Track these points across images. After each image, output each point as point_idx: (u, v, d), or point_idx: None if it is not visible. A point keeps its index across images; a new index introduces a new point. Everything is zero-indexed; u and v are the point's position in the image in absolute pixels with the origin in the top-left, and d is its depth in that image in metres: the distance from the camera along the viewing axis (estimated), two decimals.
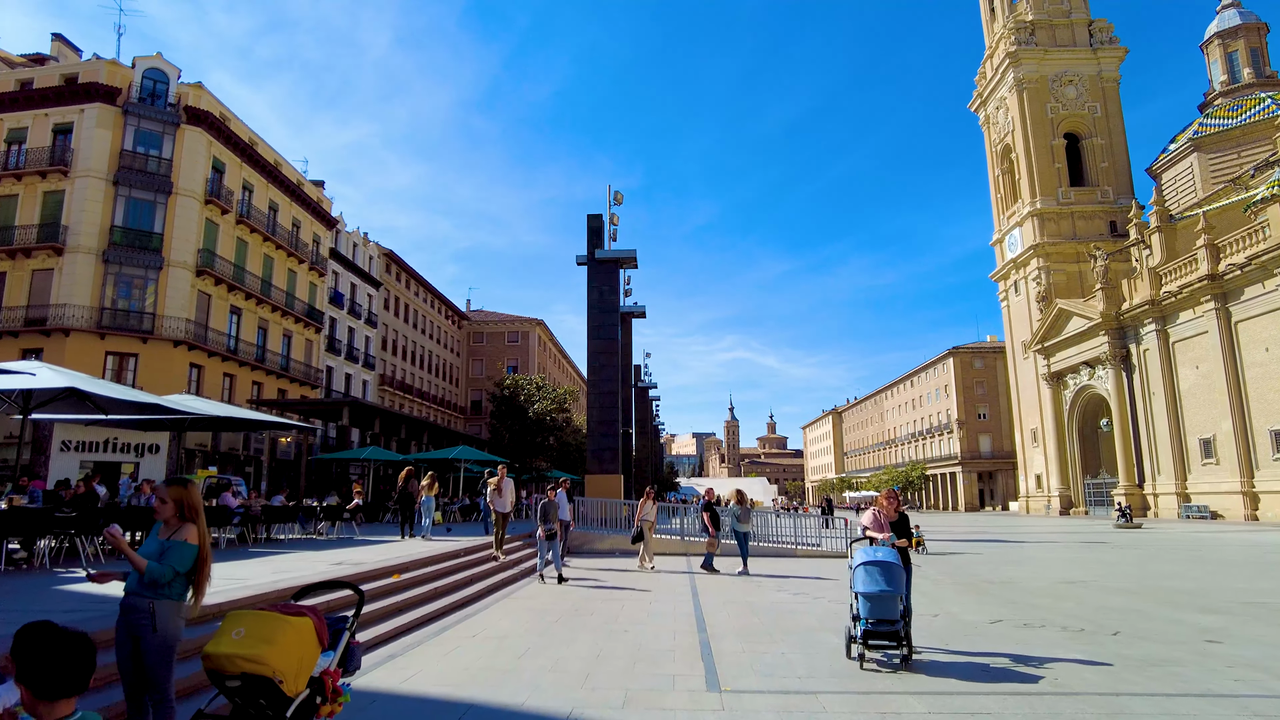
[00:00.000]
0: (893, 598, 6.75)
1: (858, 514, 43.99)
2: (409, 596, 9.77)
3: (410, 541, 16.28)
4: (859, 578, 6.89)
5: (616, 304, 31.88)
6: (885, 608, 6.75)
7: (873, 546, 7.12)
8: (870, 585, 6.76)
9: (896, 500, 7.75)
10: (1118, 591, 12.75)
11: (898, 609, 6.78)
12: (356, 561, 11.50)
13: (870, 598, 6.77)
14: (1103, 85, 68.39)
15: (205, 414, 16.23)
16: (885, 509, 7.58)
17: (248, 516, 15.53)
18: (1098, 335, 55.98)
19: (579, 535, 20.51)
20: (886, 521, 7.51)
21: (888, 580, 6.75)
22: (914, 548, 8.53)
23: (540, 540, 13.62)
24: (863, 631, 6.79)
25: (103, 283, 34.03)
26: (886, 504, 7.62)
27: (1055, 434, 63.22)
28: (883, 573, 6.76)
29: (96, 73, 35.63)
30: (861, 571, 6.86)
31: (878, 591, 6.73)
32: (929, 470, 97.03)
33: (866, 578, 6.80)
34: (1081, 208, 66.60)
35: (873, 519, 7.56)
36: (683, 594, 12.21)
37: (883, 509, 7.60)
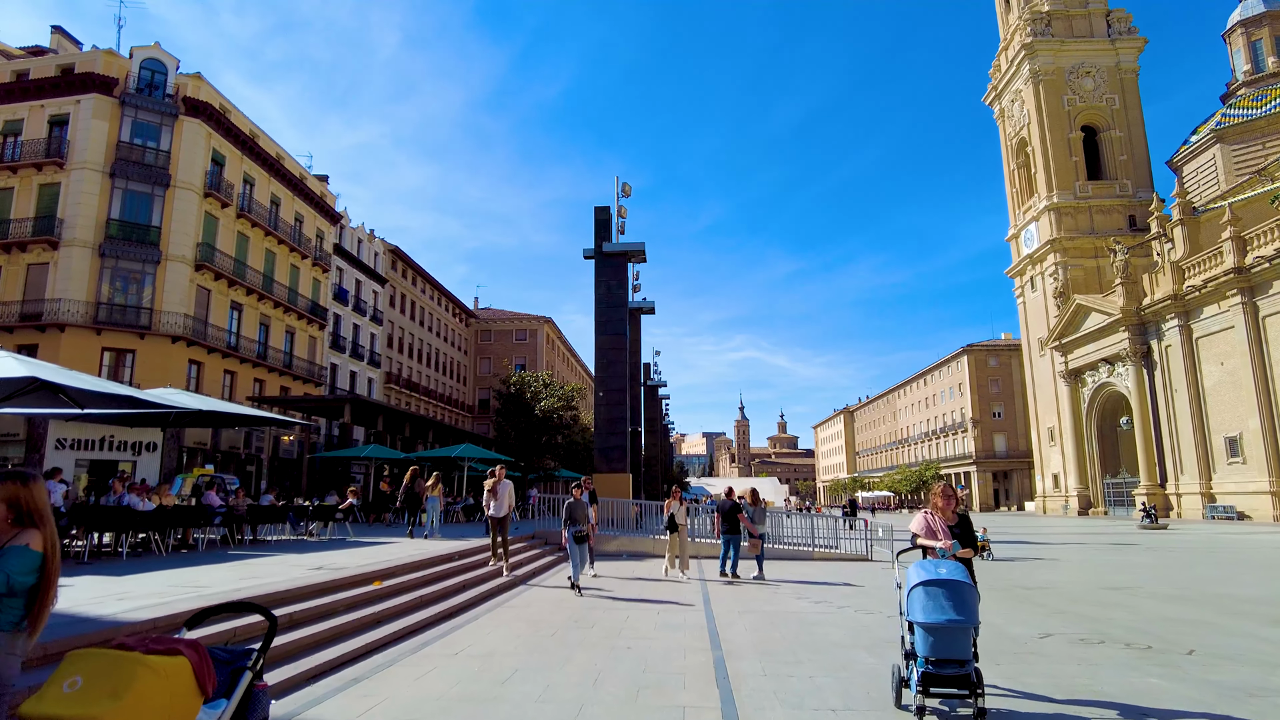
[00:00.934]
0: (964, 630, 5.10)
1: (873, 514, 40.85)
2: (388, 607, 8.78)
3: (409, 542, 15.33)
4: (916, 603, 5.21)
5: (625, 299, 30.90)
6: (953, 644, 5.10)
7: (930, 560, 5.53)
8: (933, 614, 5.09)
9: (954, 498, 6.14)
10: (1170, 599, 11.66)
11: (970, 645, 5.14)
12: (338, 565, 10.55)
13: (933, 630, 5.09)
14: (1121, 77, 66.91)
15: (187, 408, 15.32)
16: (941, 510, 6.09)
17: (231, 516, 14.60)
18: (1117, 331, 54.62)
19: None
20: (943, 526, 5.99)
21: (957, 606, 5.08)
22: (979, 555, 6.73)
23: (570, 545, 12.41)
24: (921, 674, 5.15)
25: (99, 277, 33.26)
26: (942, 504, 6.09)
27: (1073, 432, 61.85)
28: (950, 596, 5.10)
29: (93, 63, 34.88)
30: (921, 596, 5.19)
31: (943, 622, 5.05)
32: (943, 469, 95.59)
33: (928, 603, 5.14)
34: (1099, 202, 65.17)
35: (924, 524, 6.06)
36: (694, 601, 11.19)
37: (937, 510, 6.11)
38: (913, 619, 5.26)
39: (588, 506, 12.99)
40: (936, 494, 6.20)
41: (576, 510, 12.54)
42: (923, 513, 6.18)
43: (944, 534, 5.91)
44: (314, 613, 7.70)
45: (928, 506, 6.32)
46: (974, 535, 6.10)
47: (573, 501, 12.70)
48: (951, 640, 5.10)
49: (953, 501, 6.12)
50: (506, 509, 13.51)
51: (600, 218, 30.20)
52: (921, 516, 6.16)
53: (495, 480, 13.78)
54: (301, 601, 7.83)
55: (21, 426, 32.33)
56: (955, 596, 5.10)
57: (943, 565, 5.33)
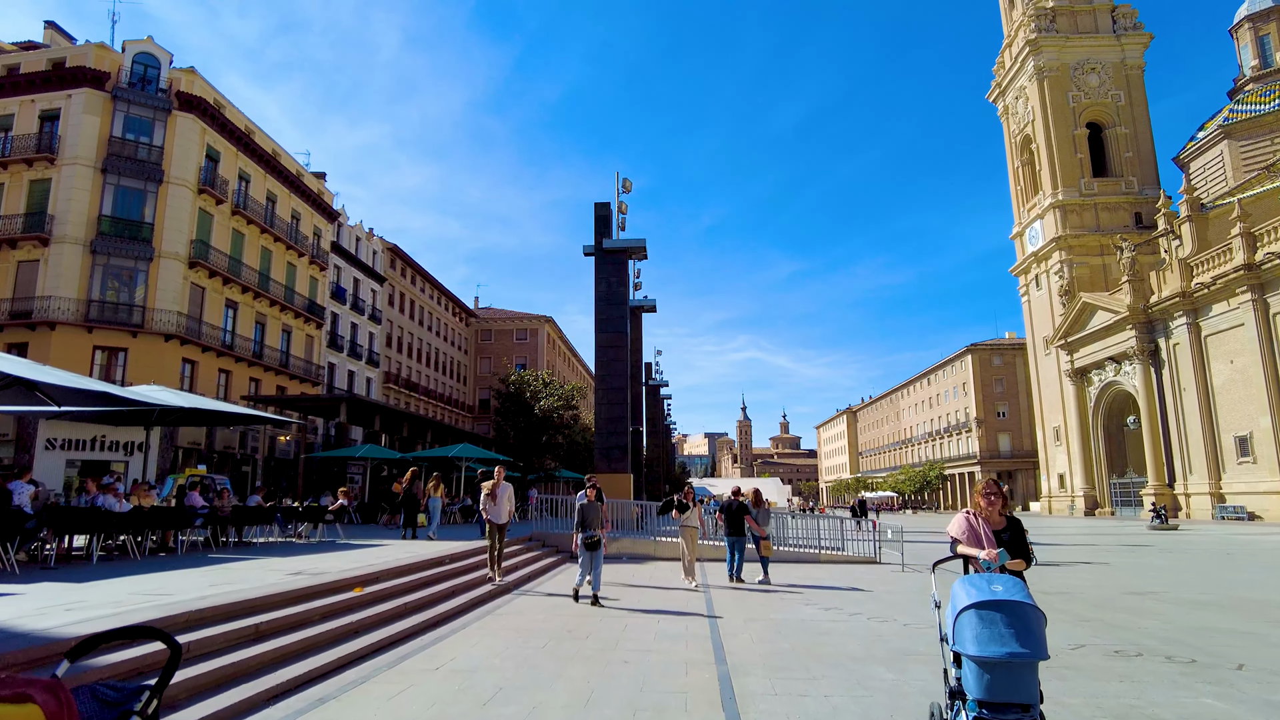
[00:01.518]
0: (1030, 667, 3.88)
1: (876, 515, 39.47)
2: (368, 616, 8.17)
3: (401, 544, 14.72)
4: (967, 631, 3.95)
5: (625, 296, 30.32)
6: (1016, 683, 3.86)
7: (979, 575, 4.25)
8: (991, 645, 3.84)
9: (1001, 497, 5.03)
10: (1201, 605, 11.03)
11: (1036, 684, 3.91)
12: (320, 570, 9.94)
13: (991, 666, 3.86)
14: (1127, 73, 66.22)
15: (170, 405, 14.74)
16: (984, 511, 4.98)
17: (214, 518, 13.99)
18: (1124, 329, 53.90)
19: None
20: (988, 531, 4.86)
21: (1021, 636, 3.82)
22: None
23: (580, 551, 11.15)
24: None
25: (90, 274, 32.69)
26: (985, 504, 4.99)
27: (1079, 432, 61.13)
28: (1011, 622, 3.85)
29: (84, 57, 34.32)
30: (972, 621, 3.93)
31: (1004, 656, 3.80)
32: (946, 470, 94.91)
33: (982, 631, 3.88)
34: (1105, 199, 64.51)
35: (965, 527, 4.94)
36: (696, 608, 10.57)
37: (980, 512, 5.00)
38: (962, 650, 4.00)
39: (600, 509, 11.89)
40: (979, 493, 5.10)
41: (589, 513, 11.34)
42: (963, 514, 5.08)
43: (989, 540, 4.84)
44: (284, 623, 7.10)
45: (969, 506, 5.23)
46: (1027, 543, 4.90)
47: (585, 503, 11.55)
48: (1014, 679, 3.88)
49: (998, 501, 5.01)
50: (506, 515, 12.48)
51: (600, 214, 29.63)
52: (962, 519, 5.03)
53: (494, 482, 12.58)
54: (271, 611, 7.22)
55: (11, 426, 31.80)
56: (1018, 623, 3.86)
57: (997, 581, 4.11)
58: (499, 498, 12.48)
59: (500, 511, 12.43)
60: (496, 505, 12.42)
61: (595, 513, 11.40)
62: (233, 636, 6.32)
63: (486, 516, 12.38)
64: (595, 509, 11.47)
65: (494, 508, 12.39)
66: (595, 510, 11.45)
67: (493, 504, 12.40)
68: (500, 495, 12.52)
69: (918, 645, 7.94)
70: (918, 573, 15.84)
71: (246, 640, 6.43)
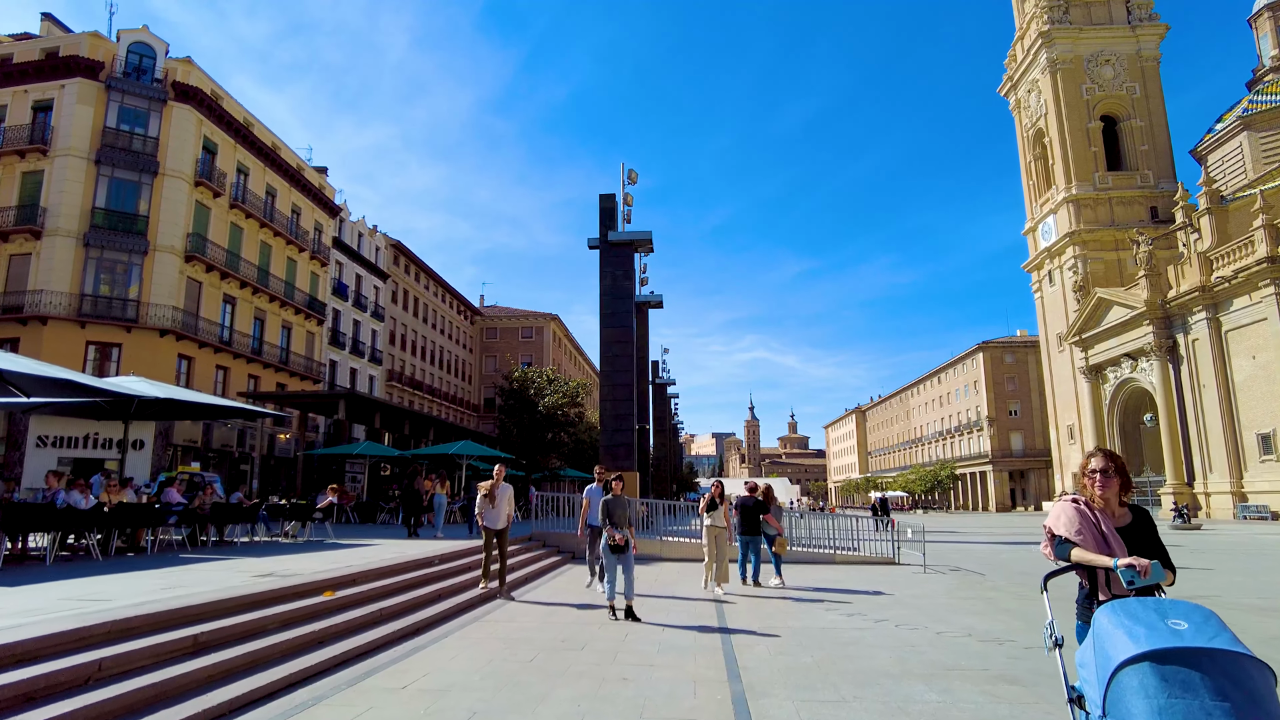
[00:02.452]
0: None
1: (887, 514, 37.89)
2: (334, 624, 7.25)
3: (393, 544, 13.82)
4: (1138, 701, 2.40)
5: (631, 290, 29.39)
6: None
7: (1138, 603, 2.73)
8: None
9: (1120, 475, 3.51)
10: (1269, 612, 10.04)
11: None
12: (291, 572, 9.04)
13: None
14: (1142, 64, 65.03)
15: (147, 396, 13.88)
16: (1099, 499, 3.51)
17: (191, 516, 13.11)
18: (1141, 325, 52.71)
19: None
20: (1110, 527, 3.44)
21: (1245, 714, 2.28)
22: None
23: (604, 555, 9.53)
24: None
25: (83, 268, 31.94)
26: (1100, 488, 3.50)
27: (1094, 430, 59.87)
28: (1221, 689, 2.33)
29: (78, 46, 33.59)
30: (1151, 682, 2.42)
31: None
32: (958, 469, 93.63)
33: (1172, 700, 2.34)
34: (1120, 193, 63.34)
35: (1076, 520, 3.49)
36: (706, 615, 9.62)
37: (1091, 499, 3.55)
38: None
39: (630, 505, 10.19)
40: (1084, 470, 3.59)
41: (615, 509, 9.60)
42: (1068, 502, 3.60)
43: (1117, 542, 3.37)
44: (231, 633, 6.18)
45: (1073, 492, 3.74)
46: (1160, 542, 3.45)
47: (611, 498, 9.77)
48: None
49: (1115, 481, 3.49)
50: (505, 519, 11.06)
51: (605, 205, 28.72)
52: (1070, 509, 3.54)
53: (492, 483, 11.12)
54: (218, 619, 6.31)
55: (1, 424, 31.06)
56: (1234, 689, 2.32)
57: (1176, 613, 2.62)
58: (498, 499, 11.10)
59: (498, 515, 11.03)
60: (495, 508, 11.04)
61: (622, 509, 9.66)
62: (163, 650, 5.41)
63: (482, 522, 10.95)
64: (624, 504, 9.74)
65: (490, 511, 11.02)
66: (622, 507, 9.69)
67: (490, 506, 11.02)
68: (500, 497, 11.12)
69: (958, 658, 6.97)
70: (940, 574, 14.87)
71: (181, 654, 5.53)
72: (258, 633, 6.46)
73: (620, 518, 9.59)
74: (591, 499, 11.61)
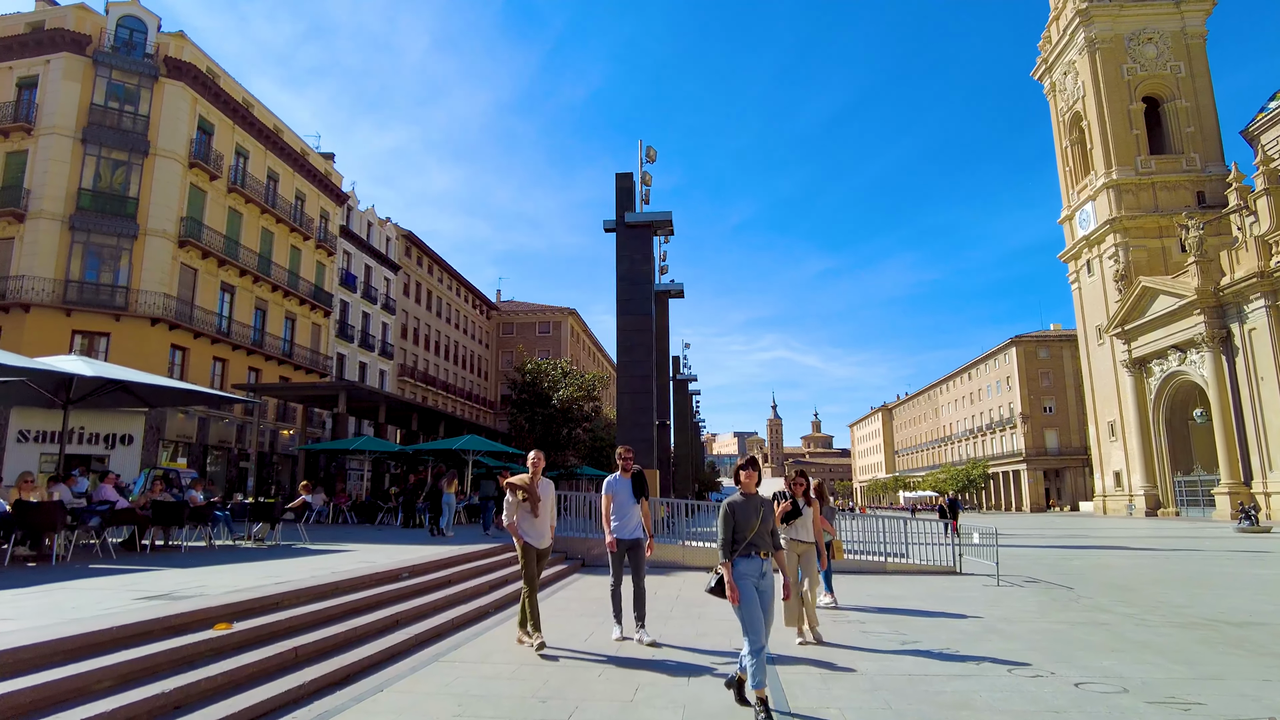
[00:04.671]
0: None
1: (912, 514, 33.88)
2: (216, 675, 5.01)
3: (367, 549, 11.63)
4: None
5: (650, 274, 27.08)
6: None
7: None
8: None
9: None
10: None
11: None
12: (195, 591, 6.85)
13: None
14: (1187, 42, 61.71)
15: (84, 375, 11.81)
16: None
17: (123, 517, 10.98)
18: (1191, 315, 49.63)
19: (596, 544, 15.69)
20: None
21: None
22: None
23: (745, 599, 5.22)
24: None
25: (69, 253, 30.11)
26: None
27: (1138, 427, 56.76)
28: None
29: (64, 19, 31.79)
30: None
31: None
32: (990, 468, 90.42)
33: None
34: (1164, 177, 60.08)
35: None
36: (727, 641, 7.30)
37: None
38: None
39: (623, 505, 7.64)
40: None
41: (749, 515, 5.42)
42: None
43: None
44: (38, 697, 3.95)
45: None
46: None
47: (740, 500, 5.45)
48: None
49: None
50: (550, 530, 7.56)
51: (623, 185, 26.44)
52: None
53: (531, 476, 7.45)
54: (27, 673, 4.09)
55: None
56: None
57: None
58: (543, 500, 7.44)
59: (542, 525, 7.43)
60: (538, 515, 7.37)
61: (759, 514, 5.43)
62: None
63: (518, 532, 7.29)
64: (759, 508, 5.46)
65: (530, 519, 7.35)
66: (758, 511, 5.44)
67: (529, 513, 7.35)
68: (544, 497, 7.47)
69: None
70: (1017, 587, 12.46)
71: None
72: (75, 697, 4.23)
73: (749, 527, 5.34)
74: (616, 495, 7.81)
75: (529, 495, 7.37)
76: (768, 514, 5.48)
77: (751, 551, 5.32)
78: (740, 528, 5.33)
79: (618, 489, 7.90)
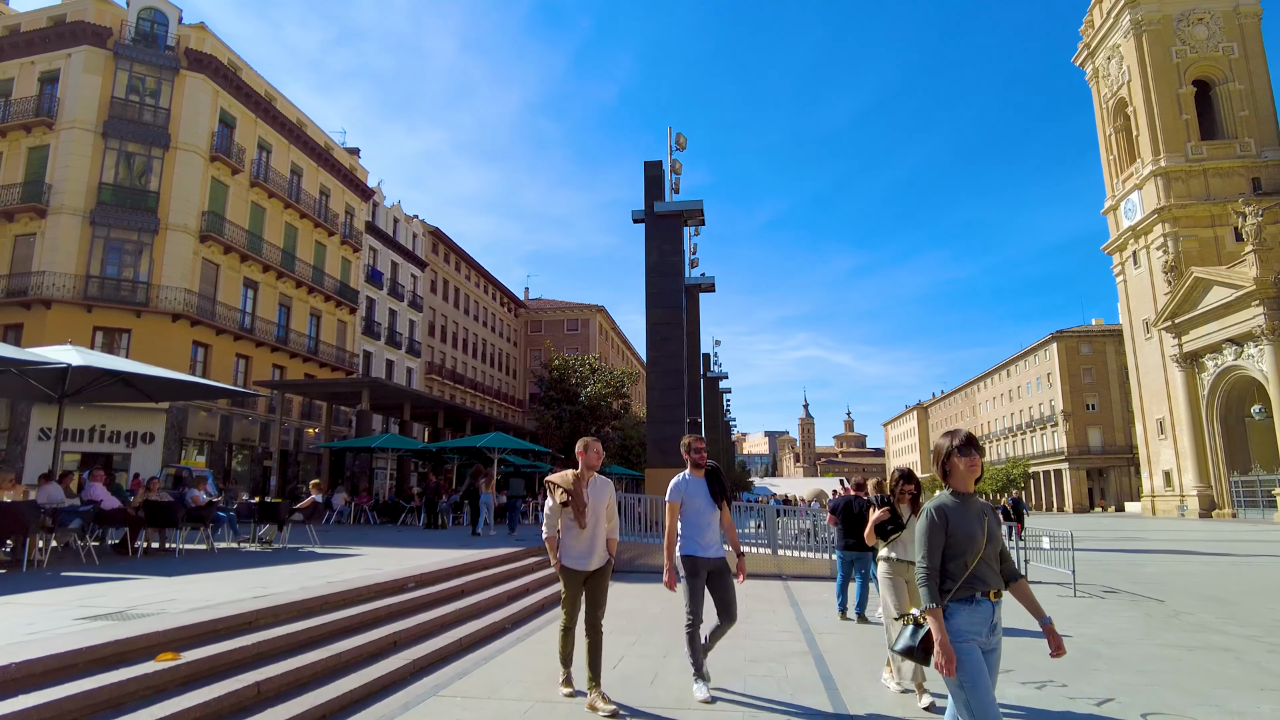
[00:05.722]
0: None
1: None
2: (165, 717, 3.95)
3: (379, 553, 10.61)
4: None
5: (680, 266, 25.82)
6: None
7: None
8: None
9: None
10: None
11: None
12: (169, 600, 5.82)
13: None
14: (1240, 21, 59.10)
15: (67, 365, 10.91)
16: None
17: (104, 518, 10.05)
18: (1249, 306, 47.29)
19: (626, 547, 14.55)
20: None
21: None
22: None
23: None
24: None
25: (89, 248, 29.63)
26: None
27: (1190, 424, 54.36)
28: None
29: (85, 12, 31.32)
30: None
31: None
32: (1031, 467, 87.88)
33: None
34: (1216, 164, 57.52)
35: None
36: (805, 683, 6.09)
37: None
38: None
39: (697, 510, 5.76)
40: None
41: (990, 532, 3.46)
42: None
43: None
44: None
45: None
46: None
47: (953, 503, 3.40)
48: None
49: None
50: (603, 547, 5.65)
51: (651, 174, 25.19)
52: None
53: (578, 474, 5.63)
54: None
55: (4, 416, 28.94)
56: None
57: None
58: (593, 506, 5.55)
59: (590, 542, 5.54)
60: (585, 527, 5.49)
61: (988, 532, 3.49)
62: None
63: (557, 559, 5.57)
64: (990, 524, 3.50)
65: (576, 537, 5.52)
66: (981, 523, 3.48)
67: (573, 525, 5.51)
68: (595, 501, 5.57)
69: None
70: (1098, 599, 11.12)
71: None
72: None
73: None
74: (688, 500, 5.75)
75: (572, 499, 5.45)
76: (994, 527, 3.43)
77: (975, 592, 3.29)
78: (957, 547, 3.29)
79: (690, 492, 5.74)
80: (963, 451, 3.41)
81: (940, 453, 3.49)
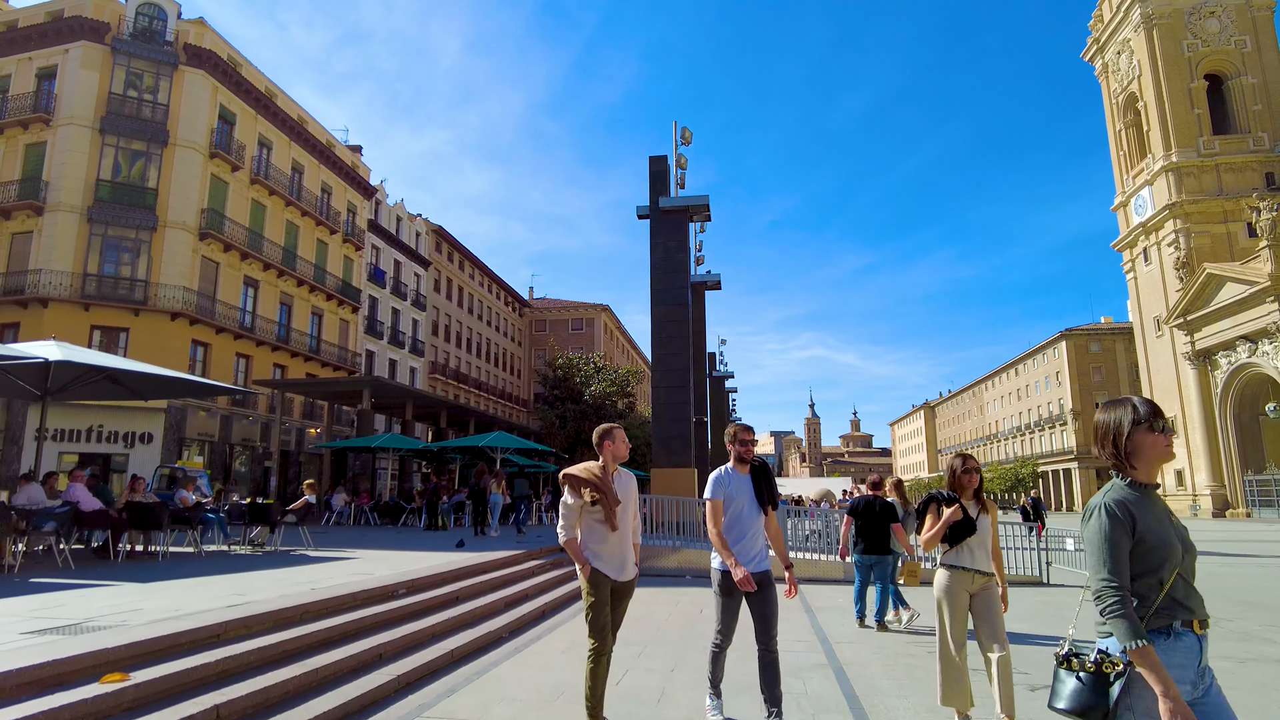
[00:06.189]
0: None
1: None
2: None
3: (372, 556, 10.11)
4: None
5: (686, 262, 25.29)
6: None
7: None
8: None
9: None
10: None
11: None
12: (134, 610, 5.33)
13: None
14: (1253, 14, 58.36)
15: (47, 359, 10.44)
16: None
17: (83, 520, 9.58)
18: (1263, 302, 46.57)
19: None
20: None
21: None
22: None
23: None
24: None
25: (87, 245, 29.24)
26: None
27: (1203, 422, 53.66)
28: None
29: (82, 7, 30.91)
30: None
31: None
32: (1039, 467, 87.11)
33: None
34: (1228, 159, 56.76)
35: None
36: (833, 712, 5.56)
37: None
38: None
39: None
40: None
41: (1185, 541, 2.58)
42: None
43: None
44: None
45: None
46: None
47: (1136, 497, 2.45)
48: None
49: None
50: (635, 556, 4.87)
51: (656, 169, 24.73)
52: None
53: (604, 465, 4.72)
54: None
55: (0, 415, 28.56)
56: None
57: None
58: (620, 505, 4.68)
59: (623, 546, 4.74)
60: (616, 529, 4.62)
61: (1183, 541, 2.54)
62: None
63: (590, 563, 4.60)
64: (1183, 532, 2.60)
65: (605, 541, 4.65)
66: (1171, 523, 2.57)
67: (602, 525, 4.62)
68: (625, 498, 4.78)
69: None
70: None
71: None
72: None
73: None
74: (732, 500, 4.84)
75: (602, 495, 4.53)
76: (1185, 532, 2.50)
77: (1174, 620, 2.36)
78: (1148, 558, 2.39)
79: (733, 490, 4.84)
80: (1153, 425, 2.46)
81: (1111, 429, 2.52)
